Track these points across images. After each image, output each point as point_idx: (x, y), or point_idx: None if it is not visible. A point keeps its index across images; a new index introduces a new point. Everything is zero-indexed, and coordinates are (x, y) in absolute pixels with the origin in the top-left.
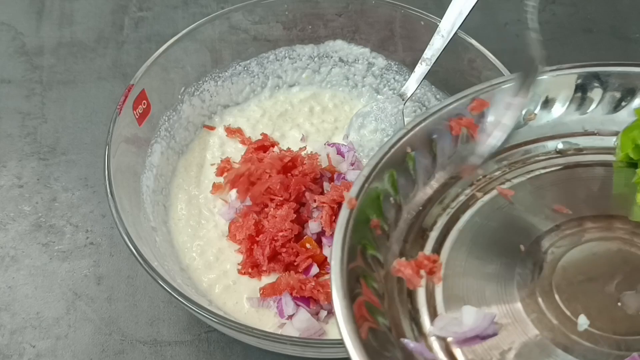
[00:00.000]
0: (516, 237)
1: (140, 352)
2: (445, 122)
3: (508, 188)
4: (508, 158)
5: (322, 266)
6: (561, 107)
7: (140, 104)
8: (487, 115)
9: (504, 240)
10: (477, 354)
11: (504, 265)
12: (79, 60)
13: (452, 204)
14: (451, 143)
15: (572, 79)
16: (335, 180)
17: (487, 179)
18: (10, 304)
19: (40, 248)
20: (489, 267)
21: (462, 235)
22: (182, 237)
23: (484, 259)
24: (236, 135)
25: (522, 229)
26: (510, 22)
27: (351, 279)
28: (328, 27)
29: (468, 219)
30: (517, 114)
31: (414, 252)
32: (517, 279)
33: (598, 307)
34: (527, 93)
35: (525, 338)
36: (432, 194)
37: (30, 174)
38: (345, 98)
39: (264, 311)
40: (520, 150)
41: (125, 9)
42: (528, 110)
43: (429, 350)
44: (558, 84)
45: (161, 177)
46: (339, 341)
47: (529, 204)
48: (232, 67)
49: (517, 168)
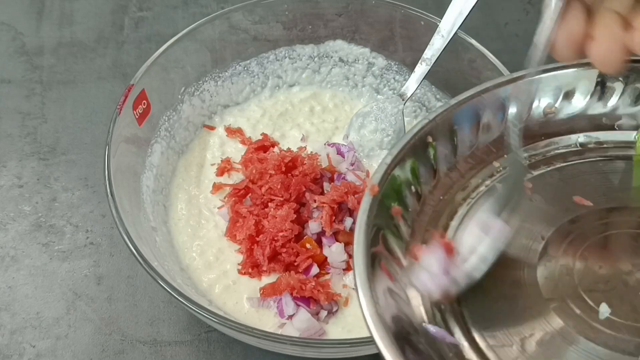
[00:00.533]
0: (537, 228)
1: (140, 352)
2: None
3: (528, 180)
4: (529, 150)
5: (322, 266)
6: (582, 101)
7: (140, 104)
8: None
9: (524, 231)
10: (498, 339)
11: (525, 255)
12: (79, 60)
13: (472, 194)
14: (472, 133)
15: (593, 73)
16: (335, 180)
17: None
18: (10, 304)
19: (40, 248)
20: (508, 257)
21: None
22: (182, 237)
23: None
24: (236, 135)
25: (542, 219)
26: (510, 22)
27: (374, 263)
28: (328, 27)
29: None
30: (498, 245)
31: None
32: (538, 269)
33: (619, 295)
34: (509, 214)
35: (546, 326)
36: (452, 184)
37: (30, 174)
38: (346, 98)
39: (264, 311)
40: (541, 144)
41: (125, 9)
42: (548, 104)
43: (451, 335)
44: (579, 78)
45: (161, 177)
46: (339, 341)
47: (549, 196)
48: (232, 67)
49: (537, 160)
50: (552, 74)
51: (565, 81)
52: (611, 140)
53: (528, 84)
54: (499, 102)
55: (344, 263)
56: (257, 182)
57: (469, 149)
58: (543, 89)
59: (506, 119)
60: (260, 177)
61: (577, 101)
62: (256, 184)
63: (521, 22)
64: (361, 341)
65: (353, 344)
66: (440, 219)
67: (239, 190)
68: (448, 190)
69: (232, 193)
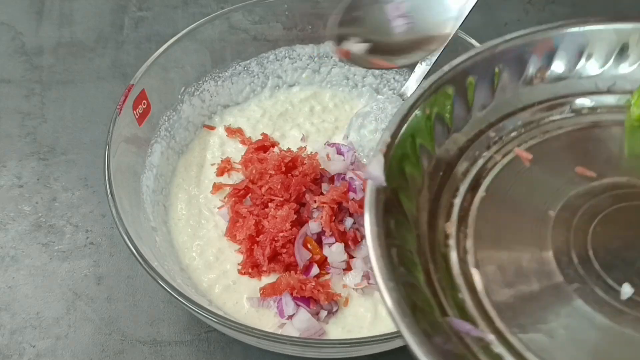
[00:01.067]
0: (542, 203)
1: (140, 352)
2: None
3: (525, 150)
4: (522, 118)
5: (322, 266)
6: (573, 66)
7: (140, 104)
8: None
9: (530, 208)
10: (523, 328)
11: (536, 234)
12: (78, 60)
13: (471, 169)
14: (488, 93)
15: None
16: (335, 180)
17: (503, 141)
18: (10, 304)
19: (40, 248)
20: (519, 237)
21: (486, 204)
22: (182, 237)
23: (512, 228)
24: (236, 135)
25: (546, 193)
26: (510, 22)
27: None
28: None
29: (489, 184)
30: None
31: (440, 222)
32: (553, 248)
33: (639, 273)
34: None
35: (571, 310)
36: (457, 152)
37: (30, 174)
38: (346, 98)
39: (264, 311)
40: (534, 110)
41: (125, 9)
42: (539, 68)
43: (476, 328)
44: (567, 42)
45: (161, 177)
46: (339, 341)
47: (549, 167)
48: (232, 67)
49: (532, 129)
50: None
51: (554, 44)
52: (605, 105)
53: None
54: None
55: (344, 263)
56: (257, 182)
57: (483, 109)
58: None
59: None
60: (260, 177)
61: (568, 66)
62: (256, 184)
63: (521, 22)
64: (361, 341)
65: (353, 344)
66: (443, 198)
67: (239, 190)
68: (455, 157)
69: (232, 193)
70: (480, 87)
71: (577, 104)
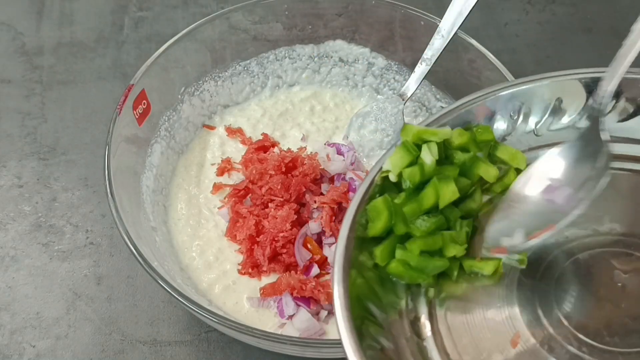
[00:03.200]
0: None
1: (140, 352)
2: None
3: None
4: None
5: (323, 266)
6: (573, 114)
7: (140, 103)
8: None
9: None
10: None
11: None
12: (79, 60)
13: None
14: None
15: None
16: (335, 180)
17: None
18: (10, 304)
19: (40, 248)
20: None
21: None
22: (181, 237)
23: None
24: (237, 135)
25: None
26: (510, 22)
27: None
28: (328, 27)
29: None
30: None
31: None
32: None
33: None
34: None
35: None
36: None
37: (30, 174)
38: (346, 97)
39: (264, 311)
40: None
41: (125, 9)
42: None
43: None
44: (564, 90)
45: (161, 177)
46: (339, 341)
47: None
48: (232, 67)
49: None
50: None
51: (554, 92)
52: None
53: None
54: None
55: None
56: (257, 183)
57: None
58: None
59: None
60: (260, 177)
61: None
62: (256, 184)
63: (521, 22)
64: None
65: None
66: None
67: (239, 190)
68: None
69: (232, 193)
70: None
71: None
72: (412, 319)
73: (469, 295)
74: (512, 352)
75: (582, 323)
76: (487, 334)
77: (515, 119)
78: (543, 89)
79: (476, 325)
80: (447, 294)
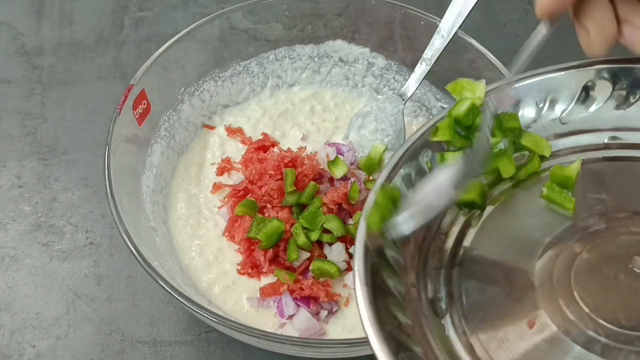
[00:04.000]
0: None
1: (140, 352)
2: None
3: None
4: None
5: None
6: (600, 102)
7: (140, 103)
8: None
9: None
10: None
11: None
12: (79, 60)
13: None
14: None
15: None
16: (335, 181)
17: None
18: (10, 304)
19: (40, 248)
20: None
21: (483, 233)
22: (181, 237)
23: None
24: (237, 135)
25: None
26: (510, 22)
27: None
28: (328, 27)
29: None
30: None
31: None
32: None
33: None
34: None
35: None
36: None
37: (30, 174)
38: (346, 97)
39: (264, 311)
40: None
41: (125, 9)
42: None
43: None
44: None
45: (161, 177)
46: (339, 341)
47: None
48: (232, 67)
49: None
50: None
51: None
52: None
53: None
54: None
55: (345, 263)
56: (257, 183)
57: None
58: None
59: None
60: (259, 177)
61: (596, 102)
62: (256, 184)
63: (521, 22)
64: (361, 341)
65: (353, 344)
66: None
67: (239, 190)
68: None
69: (232, 193)
70: None
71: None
72: (431, 297)
73: (488, 271)
74: (529, 332)
75: (599, 306)
76: (504, 314)
77: (541, 107)
78: (570, 78)
79: (495, 304)
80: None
